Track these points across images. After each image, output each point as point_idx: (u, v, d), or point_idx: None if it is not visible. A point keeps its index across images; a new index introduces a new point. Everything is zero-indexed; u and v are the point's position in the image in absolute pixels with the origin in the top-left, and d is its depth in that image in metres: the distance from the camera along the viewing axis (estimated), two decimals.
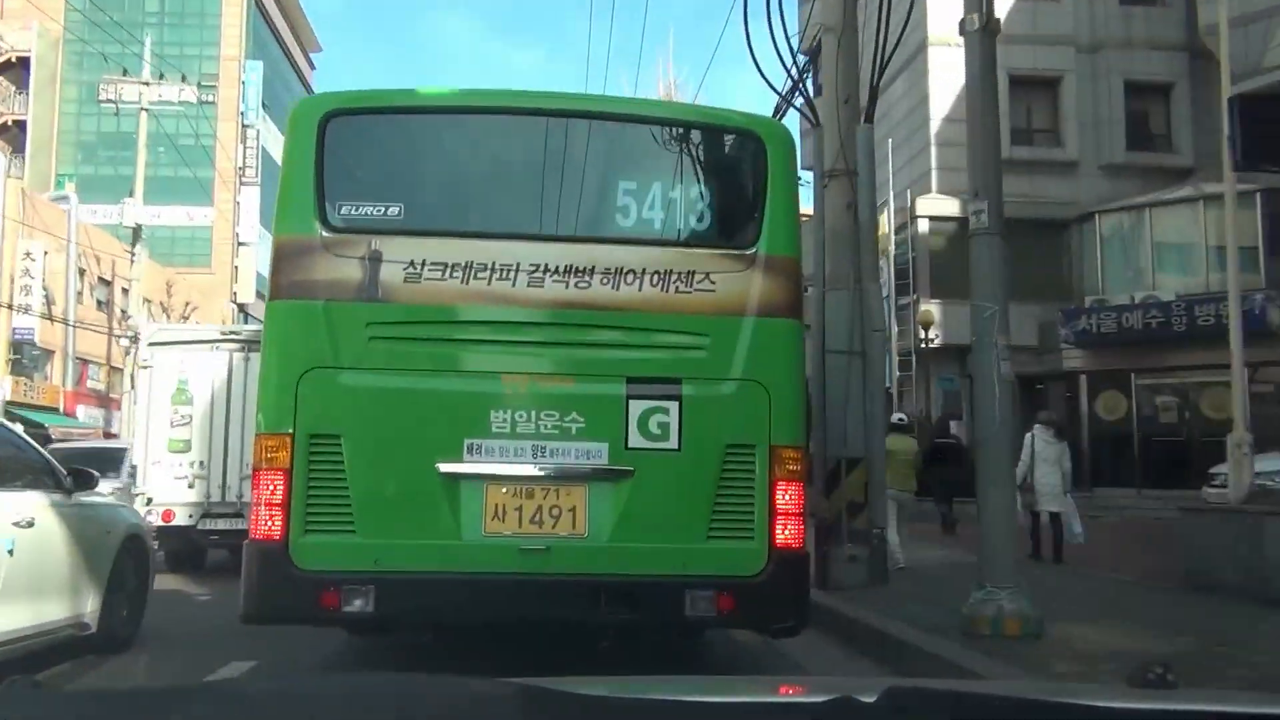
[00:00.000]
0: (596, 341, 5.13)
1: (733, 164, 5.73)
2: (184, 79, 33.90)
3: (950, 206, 22.23)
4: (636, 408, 5.01)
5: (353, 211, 5.13)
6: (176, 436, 11.48)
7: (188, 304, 40.08)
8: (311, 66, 76.36)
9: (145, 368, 11.66)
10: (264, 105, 60.51)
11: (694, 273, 5.11)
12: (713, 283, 5.11)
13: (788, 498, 5.03)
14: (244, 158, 56.65)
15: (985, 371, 6.32)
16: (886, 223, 22.17)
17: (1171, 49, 22.63)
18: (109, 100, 34.44)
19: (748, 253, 5.21)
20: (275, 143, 64.85)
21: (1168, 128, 22.97)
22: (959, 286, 22.08)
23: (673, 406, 5.02)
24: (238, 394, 11.55)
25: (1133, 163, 22.42)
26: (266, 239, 52.91)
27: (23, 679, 1.47)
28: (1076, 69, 22.50)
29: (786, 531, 5.00)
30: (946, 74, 22.69)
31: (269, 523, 4.89)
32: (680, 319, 5.10)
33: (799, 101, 10.54)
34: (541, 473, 4.98)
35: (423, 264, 5.01)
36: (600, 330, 5.12)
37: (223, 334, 11.96)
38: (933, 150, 22.69)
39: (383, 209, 5.15)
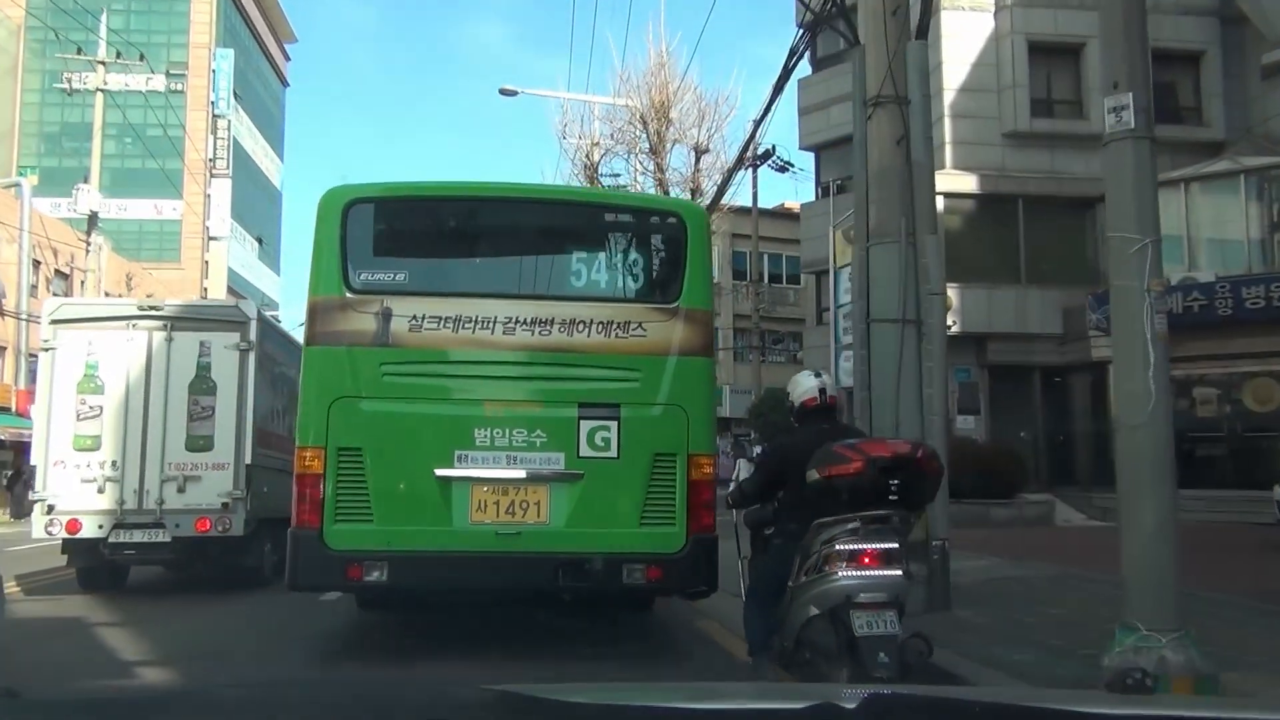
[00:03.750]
0: (555, 376, 6.44)
1: (659, 237, 6.88)
2: (141, 57, 31.82)
3: (968, 183, 20.56)
4: (586, 426, 6.35)
5: (369, 277, 6.48)
6: (84, 432, 9.61)
7: (150, 297, 37.92)
8: (286, 58, 74.20)
9: (47, 349, 9.78)
10: (235, 95, 58.34)
11: (630, 322, 6.48)
12: (644, 330, 6.48)
13: (701, 493, 6.39)
14: (214, 149, 54.40)
15: (1132, 329, 4.55)
16: None
17: (1202, 14, 20.99)
18: (68, 87, 32.53)
19: (671, 306, 6.57)
20: (247, 134, 62.72)
21: (1197, 99, 21.31)
22: (977, 269, 20.51)
23: (613, 425, 6.36)
24: (158, 381, 9.71)
25: (1160, 136, 20.64)
26: (239, 234, 50.75)
27: None
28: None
29: (701, 519, 6.38)
30: (959, 41, 21.06)
31: (308, 514, 6.22)
32: (619, 358, 6.44)
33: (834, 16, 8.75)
34: (514, 475, 6.29)
35: (423, 317, 6.36)
36: (558, 367, 6.44)
37: (141, 309, 10.07)
38: (947, 123, 20.96)
39: (392, 275, 6.54)
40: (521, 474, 6.23)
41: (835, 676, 4.68)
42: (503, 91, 24.01)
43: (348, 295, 6.37)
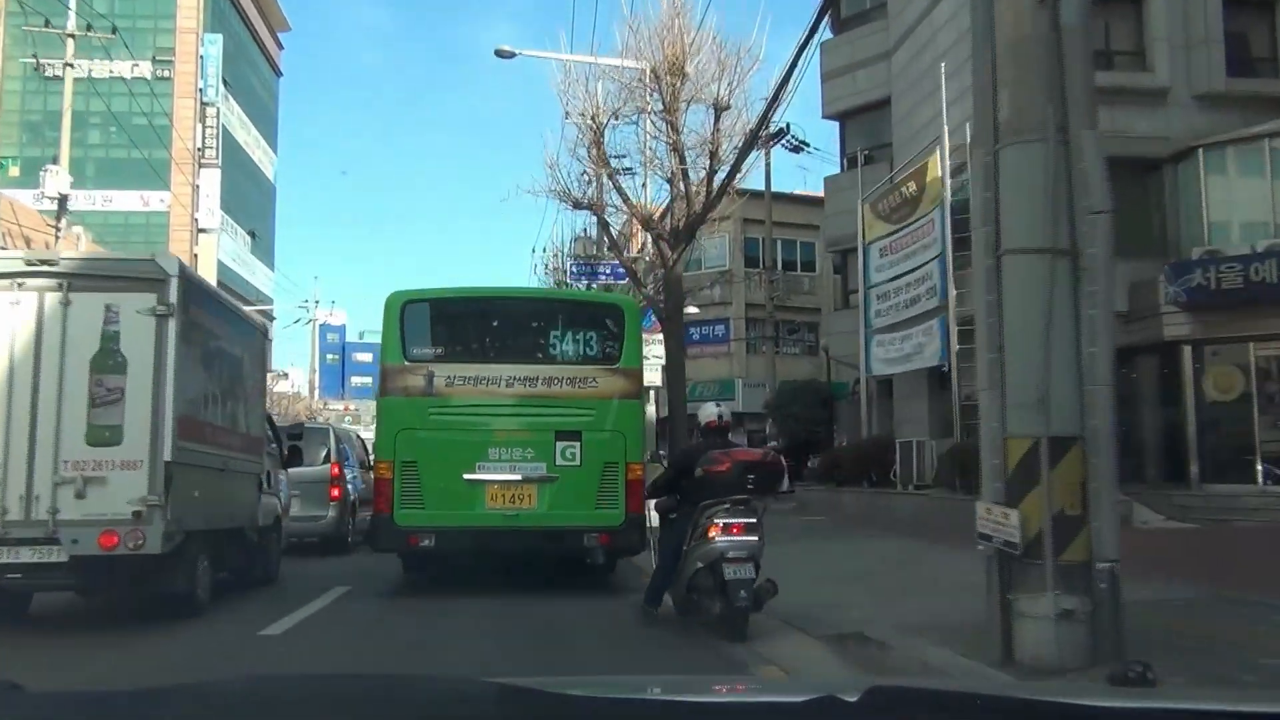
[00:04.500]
0: (539, 413, 9.78)
1: (607, 321, 10.53)
2: (114, 29, 29.59)
3: None
4: (560, 445, 9.65)
5: (419, 351, 9.99)
6: None
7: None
8: (279, 46, 72.00)
9: None
10: (225, 83, 56.14)
11: (587, 377, 9.91)
12: (596, 382, 9.91)
13: (634, 488, 9.65)
14: (203, 138, 52.19)
15: None
16: (940, 165, 18.32)
17: None
18: (37, 62, 30.57)
19: (614, 367, 10.07)
20: (238, 124, 60.50)
21: (1274, 49, 19.11)
22: None
23: (578, 445, 9.66)
24: (51, 355, 7.56)
25: (1234, 90, 18.46)
26: (230, 227, 48.31)
27: (2, 682, 1.49)
28: None
29: (633, 504, 9.64)
30: None
31: (384, 504, 9.61)
32: (581, 402, 9.82)
33: None
34: (514, 478, 9.62)
35: (455, 377, 9.81)
36: (541, 408, 9.79)
37: (30, 264, 7.84)
38: None
39: (434, 350, 10.10)
40: (519, 477, 9.56)
41: (711, 609, 7.07)
42: (499, 53, 21.89)
43: (405, 363, 9.83)
